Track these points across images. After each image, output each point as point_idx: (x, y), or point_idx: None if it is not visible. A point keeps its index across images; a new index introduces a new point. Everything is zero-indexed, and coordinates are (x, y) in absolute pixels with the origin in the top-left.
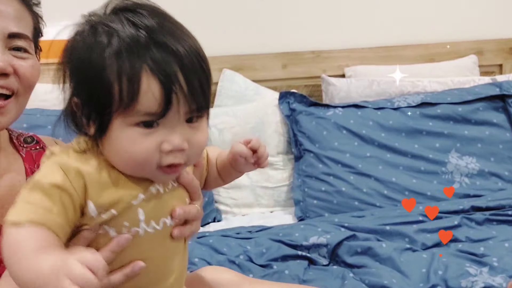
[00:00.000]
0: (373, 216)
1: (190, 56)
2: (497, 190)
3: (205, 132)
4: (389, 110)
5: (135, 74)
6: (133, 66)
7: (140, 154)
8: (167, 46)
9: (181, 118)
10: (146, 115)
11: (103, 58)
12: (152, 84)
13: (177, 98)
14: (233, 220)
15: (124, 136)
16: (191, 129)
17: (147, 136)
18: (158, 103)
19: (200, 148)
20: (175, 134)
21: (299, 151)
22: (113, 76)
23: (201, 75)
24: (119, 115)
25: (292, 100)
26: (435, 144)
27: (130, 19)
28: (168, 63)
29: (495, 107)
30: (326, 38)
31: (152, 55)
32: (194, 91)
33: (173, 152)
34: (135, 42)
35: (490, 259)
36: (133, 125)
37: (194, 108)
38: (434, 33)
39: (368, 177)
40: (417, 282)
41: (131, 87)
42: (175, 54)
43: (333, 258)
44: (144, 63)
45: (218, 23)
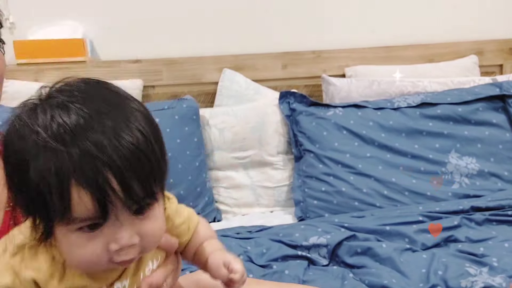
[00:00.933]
0: (373, 216)
1: (125, 154)
2: (497, 190)
3: (158, 219)
4: (389, 110)
5: (64, 187)
6: (60, 176)
7: (87, 258)
8: (94, 149)
9: (124, 215)
10: (83, 221)
11: (34, 163)
12: (83, 196)
13: (112, 205)
14: (233, 220)
15: (69, 242)
16: (140, 221)
17: (92, 239)
18: (92, 210)
19: (155, 238)
20: (121, 232)
21: (299, 151)
22: (44, 187)
23: (142, 169)
24: (59, 223)
25: (293, 100)
26: (435, 144)
27: (56, 119)
28: (97, 171)
29: (495, 108)
30: (327, 38)
31: (79, 164)
32: (132, 192)
33: (123, 249)
34: (59, 149)
35: (490, 259)
36: (75, 231)
37: (136, 207)
38: (434, 33)
39: (368, 177)
40: (417, 282)
41: (62, 202)
42: (105, 159)
43: (333, 258)
44: (71, 175)
45: (219, 23)
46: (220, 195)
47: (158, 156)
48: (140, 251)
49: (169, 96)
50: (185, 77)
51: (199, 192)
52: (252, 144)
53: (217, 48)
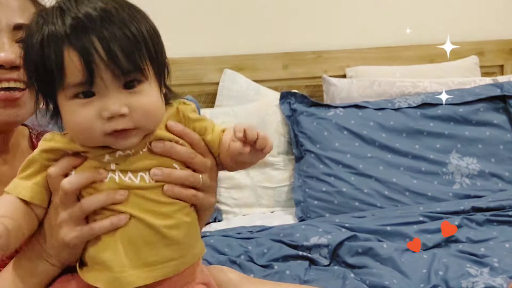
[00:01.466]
0: (374, 216)
1: (112, 27)
2: (497, 190)
3: (150, 96)
4: (390, 110)
5: (59, 52)
6: (57, 48)
7: (82, 124)
8: (88, 26)
9: (112, 84)
10: (77, 86)
11: (37, 45)
12: (73, 57)
13: (96, 65)
14: (233, 220)
15: (67, 110)
16: (131, 94)
17: (86, 106)
18: (81, 73)
19: (146, 111)
20: (110, 99)
21: (300, 152)
22: (45, 59)
23: (125, 41)
24: (60, 93)
25: (293, 100)
26: (436, 144)
27: (63, 8)
28: (85, 36)
29: (496, 108)
30: (327, 38)
31: (73, 34)
32: (114, 56)
33: (114, 118)
34: (58, 30)
35: (491, 260)
36: (72, 97)
37: (119, 73)
38: (435, 33)
39: (369, 177)
40: (417, 282)
41: (58, 64)
42: (93, 28)
43: (334, 259)
44: (65, 40)
45: (219, 23)
46: (221, 195)
47: (147, 37)
48: (134, 125)
49: None
50: (186, 77)
51: None
52: None
53: (218, 48)
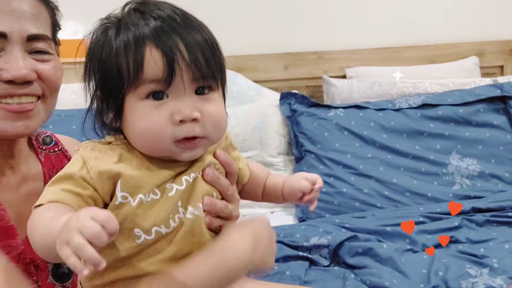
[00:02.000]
0: (374, 217)
1: (194, 36)
2: (497, 191)
3: (219, 104)
4: (390, 111)
5: (139, 49)
6: (138, 45)
7: (153, 127)
8: (171, 27)
9: (188, 86)
10: (152, 83)
11: (113, 45)
12: (154, 54)
13: (179, 65)
14: None
15: (137, 112)
16: (202, 100)
17: (158, 108)
18: (161, 70)
19: (216, 119)
20: (184, 103)
21: (300, 152)
22: (121, 56)
23: (206, 50)
24: (129, 91)
25: (293, 101)
26: (436, 145)
27: (144, 11)
28: (169, 37)
29: (496, 109)
30: (328, 39)
31: (155, 34)
32: (196, 59)
33: (186, 122)
34: (140, 27)
35: (491, 260)
36: (143, 98)
37: (198, 76)
38: (435, 34)
39: (369, 178)
40: (417, 282)
41: (136, 60)
42: (178, 32)
43: (334, 259)
44: (146, 39)
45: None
46: None
47: (220, 52)
48: (203, 133)
49: None
50: None
51: None
52: (253, 145)
53: None
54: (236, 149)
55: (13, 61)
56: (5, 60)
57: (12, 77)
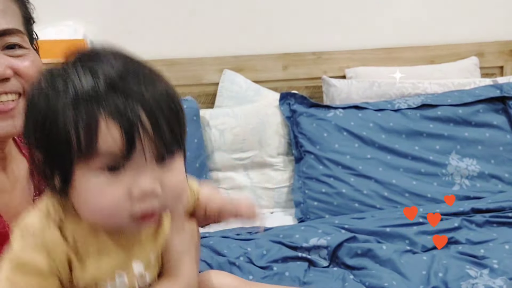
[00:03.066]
0: (373, 218)
1: (155, 96)
2: (497, 192)
3: (180, 172)
4: (389, 111)
5: (92, 119)
6: (90, 111)
7: (108, 203)
8: (128, 90)
9: (150, 159)
10: (108, 158)
11: (59, 107)
12: (111, 127)
13: (140, 139)
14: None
15: (89, 185)
16: (163, 171)
17: (114, 183)
18: (119, 146)
19: (176, 190)
20: (144, 176)
21: (299, 153)
22: (69, 124)
23: (169, 115)
24: (80, 163)
25: (293, 101)
26: (436, 146)
27: (89, 68)
28: (128, 105)
29: (496, 109)
30: (327, 39)
31: (110, 100)
32: (160, 130)
33: (144, 197)
34: (92, 89)
35: (491, 261)
36: (97, 171)
37: (162, 147)
38: (434, 34)
39: (369, 178)
40: (417, 284)
41: (89, 132)
42: (137, 97)
43: (333, 260)
44: (101, 107)
45: (219, 24)
46: None
47: (182, 111)
48: (161, 206)
49: None
50: (185, 78)
51: None
52: (252, 145)
53: (217, 49)
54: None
55: None
56: None
57: None
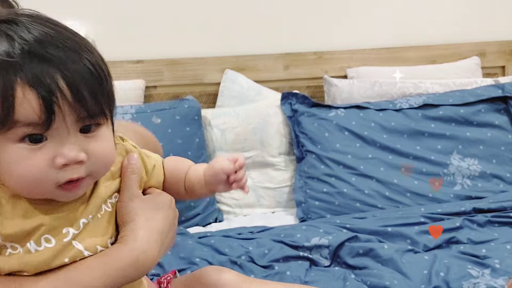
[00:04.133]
0: (375, 217)
1: (77, 64)
2: (499, 192)
3: (107, 140)
4: (391, 111)
5: (7, 87)
6: (4, 78)
7: (31, 173)
8: (46, 56)
9: (72, 128)
10: (27, 127)
11: None
12: (28, 95)
13: (59, 107)
14: (234, 221)
15: (9, 156)
16: (88, 139)
17: (36, 152)
18: (38, 114)
19: (103, 158)
20: (67, 145)
21: (301, 152)
22: None
23: (93, 83)
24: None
25: (294, 101)
26: (437, 145)
27: (6, 32)
28: (46, 72)
29: (497, 109)
30: (329, 39)
31: (27, 66)
32: (81, 97)
33: (69, 165)
34: (6, 55)
35: (492, 261)
36: (17, 141)
37: (84, 115)
38: (436, 34)
39: (370, 178)
40: (418, 283)
41: (5, 100)
42: (56, 64)
43: (335, 259)
44: (17, 74)
45: (220, 24)
46: (222, 196)
47: (106, 76)
48: (88, 172)
49: (170, 97)
50: (186, 77)
51: None
52: (254, 145)
53: (219, 48)
54: (149, 157)
55: None
56: None
57: None
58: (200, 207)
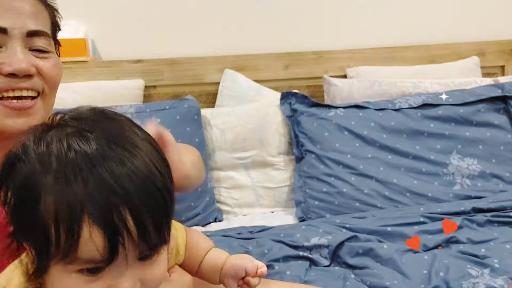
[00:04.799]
0: (374, 217)
1: (145, 193)
2: (498, 191)
3: (161, 265)
4: (390, 111)
5: (74, 223)
6: (72, 211)
7: None
8: (116, 189)
9: (132, 260)
10: (88, 263)
11: (40, 186)
12: (95, 235)
13: (124, 246)
14: (234, 220)
15: (65, 284)
16: (144, 267)
17: (91, 283)
18: (101, 253)
19: (157, 283)
20: (124, 278)
21: (300, 152)
22: (49, 217)
23: (158, 211)
24: (58, 261)
25: (294, 100)
26: (437, 145)
27: (71, 144)
28: (114, 206)
29: (497, 109)
30: (328, 38)
31: (97, 198)
32: (146, 233)
33: None
34: (76, 187)
35: (492, 261)
36: (75, 272)
37: (146, 250)
38: (435, 34)
39: (369, 178)
40: (418, 283)
41: (70, 236)
42: (125, 197)
43: (335, 259)
44: (84, 208)
45: (220, 23)
46: (221, 195)
47: (168, 195)
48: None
49: (170, 96)
50: (186, 77)
51: (200, 193)
52: (253, 145)
53: (218, 48)
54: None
55: (13, 55)
56: (6, 55)
57: (14, 70)
58: (200, 207)
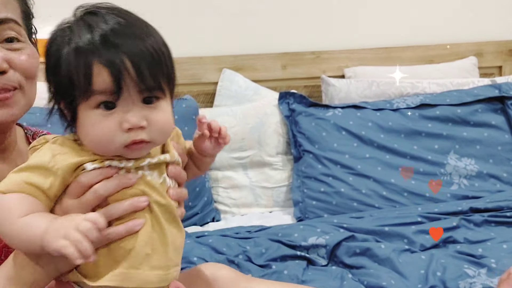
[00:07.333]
0: (372, 217)
1: (141, 49)
2: (495, 191)
3: (165, 112)
4: (388, 111)
5: (88, 66)
6: (86, 60)
7: (103, 134)
8: (117, 43)
9: (136, 98)
10: (102, 95)
11: (64, 54)
12: (102, 71)
13: (124, 80)
14: (232, 220)
15: (88, 120)
16: (149, 109)
17: (107, 117)
18: (109, 85)
19: (162, 126)
20: (132, 112)
21: (298, 152)
22: (72, 70)
23: (151, 59)
24: (82, 101)
25: (292, 100)
26: (434, 145)
27: (89, 22)
28: (114, 53)
29: (494, 109)
30: (326, 38)
31: (103, 51)
32: (141, 73)
33: (133, 129)
34: (88, 42)
35: (488, 261)
36: (94, 107)
37: (144, 88)
38: (433, 34)
39: (367, 178)
40: (415, 283)
41: (85, 74)
42: (125, 49)
43: (332, 259)
44: (95, 57)
45: (219, 23)
46: (219, 195)
47: (166, 55)
48: (149, 137)
49: None
50: (184, 77)
51: (198, 192)
52: (251, 145)
53: (216, 48)
54: (180, 136)
55: None
56: None
57: None
58: (198, 207)
